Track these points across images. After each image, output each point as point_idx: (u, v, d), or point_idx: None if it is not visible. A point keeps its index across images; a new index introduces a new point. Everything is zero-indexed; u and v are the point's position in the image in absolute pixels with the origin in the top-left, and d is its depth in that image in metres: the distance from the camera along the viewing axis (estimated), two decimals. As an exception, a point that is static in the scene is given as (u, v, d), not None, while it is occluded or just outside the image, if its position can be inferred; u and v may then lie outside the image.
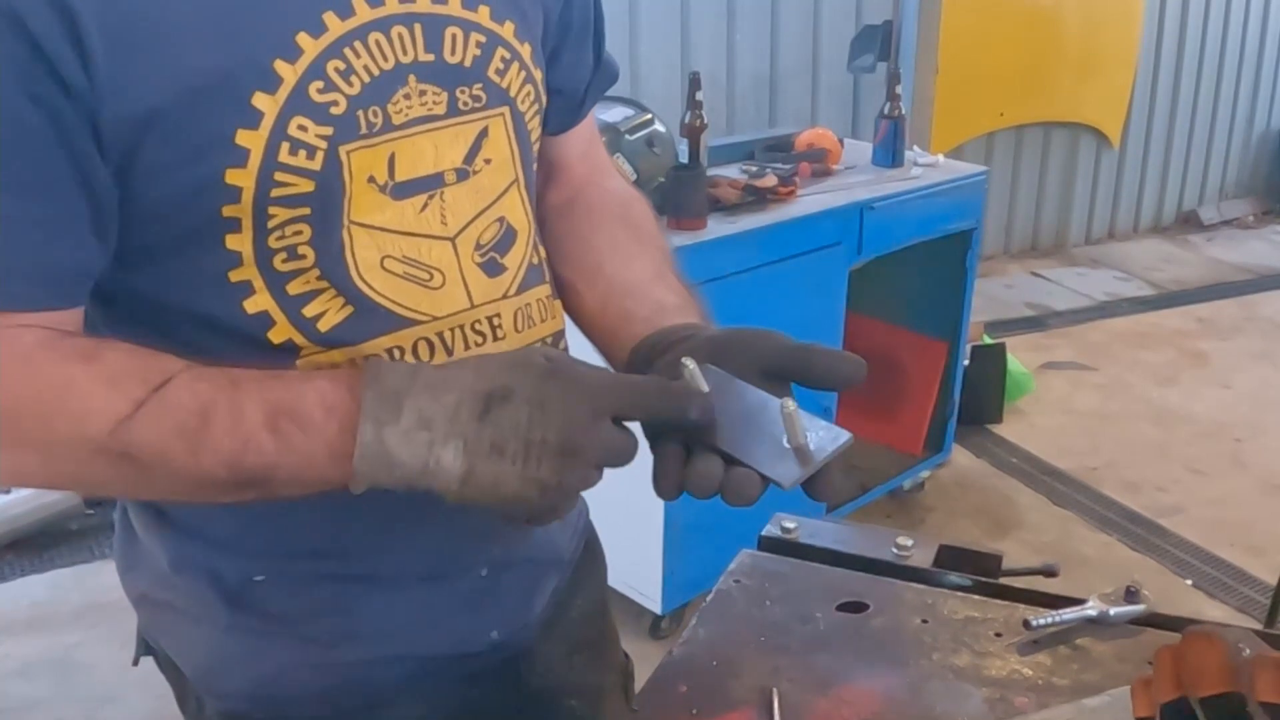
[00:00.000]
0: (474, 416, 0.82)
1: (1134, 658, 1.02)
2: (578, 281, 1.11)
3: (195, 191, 0.85)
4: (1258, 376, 4.80)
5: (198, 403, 0.83)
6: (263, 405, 0.83)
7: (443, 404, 0.82)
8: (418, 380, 0.84)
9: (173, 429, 0.82)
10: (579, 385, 0.84)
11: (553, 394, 0.83)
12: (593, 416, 0.82)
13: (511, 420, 0.82)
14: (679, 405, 0.84)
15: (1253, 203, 7.09)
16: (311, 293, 0.92)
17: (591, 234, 1.14)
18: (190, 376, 0.84)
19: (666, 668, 1.01)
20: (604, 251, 1.12)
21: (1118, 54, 5.96)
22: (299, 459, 0.84)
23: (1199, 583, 3.40)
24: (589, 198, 1.19)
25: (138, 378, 0.83)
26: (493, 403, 0.82)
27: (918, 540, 1.18)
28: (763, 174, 3.09)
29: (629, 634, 2.78)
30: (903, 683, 0.99)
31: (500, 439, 0.82)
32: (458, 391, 0.83)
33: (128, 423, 0.82)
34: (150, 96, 0.81)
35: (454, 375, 0.84)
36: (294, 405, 0.83)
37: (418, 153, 0.94)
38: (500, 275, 1.02)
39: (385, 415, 0.82)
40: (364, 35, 0.90)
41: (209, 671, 1.08)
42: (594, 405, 0.83)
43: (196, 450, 0.83)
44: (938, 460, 3.82)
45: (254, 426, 0.83)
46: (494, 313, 1.01)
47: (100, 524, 3.49)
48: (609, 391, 0.84)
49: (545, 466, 0.82)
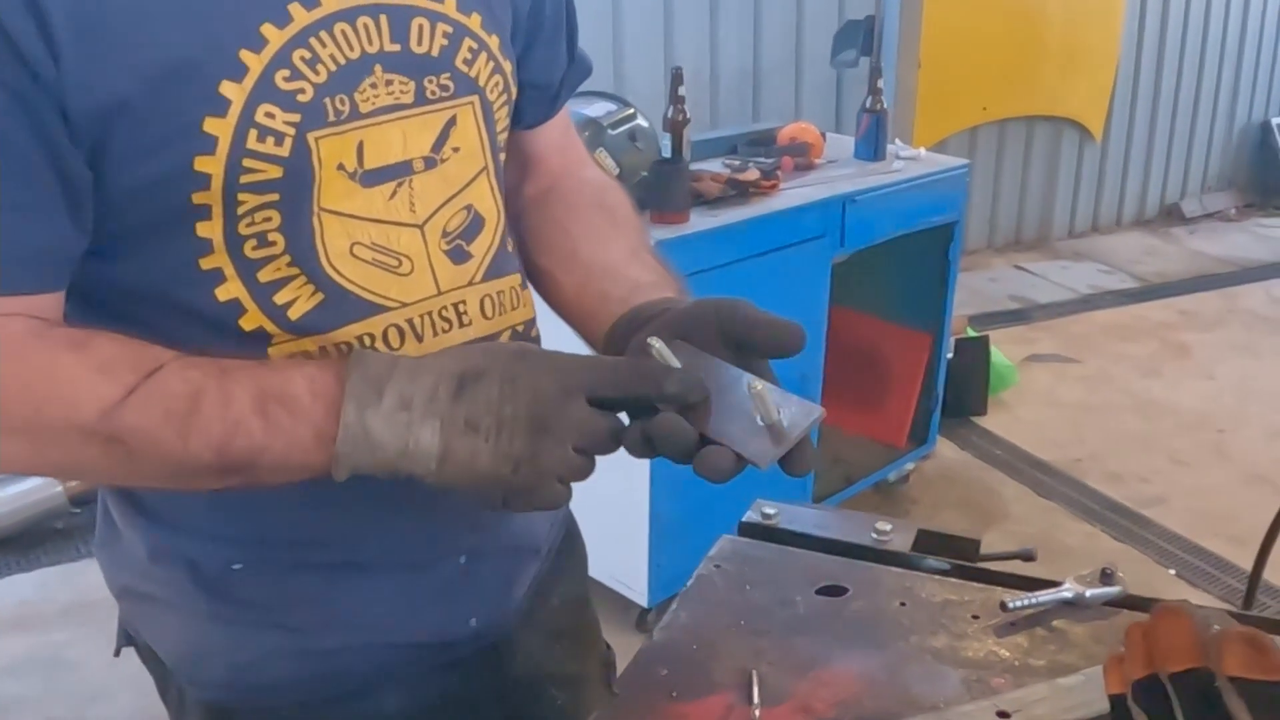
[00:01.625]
0: (449, 395, 0.84)
1: (1110, 639, 1.03)
2: (555, 269, 1.12)
3: (165, 179, 0.86)
4: (1240, 368, 4.82)
5: (188, 388, 0.84)
6: (251, 389, 0.85)
7: (420, 385, 0.85)
8: (399, 365, 0.86)
9: (162, 414, 0.84)
10: (550, 363, 0.86)
11: (523, 371, 0.85)
12: (563, 393, 0.84)
13: (485, 396, 0.84)
14: (654, 382, 0.85)
15: (1234, 196, 7.12)
16: (282, 280, 0.93)
17: (568, 222, 1.15)
18: (181, 364, 0.86)
19: (647, 652, 1.01)
20: (580, 238, 1.13)
21: (1100, 48, 5.98)
22: (285, 442, 0.85)
23: (1182, 572, 3.42)
24: (565, 188, 1.20)
25: (128, 364, 0.85)
26: (466, 381, 0.84)
27: (897, 525, 1.19)
28: (745, 168, 3.10)
29: (615, 627, 2.79)
30: (881, 665, 1.00)
31: (474, 415, 0.84)
32: (435, 373, 0.85)
33: (118, 408, 0.83)
34: (118, 86, 0.82)
35: (432, 360, 0.87)
36: (282, 389, 0.85)
37: (386, 141, 0.95)
38: (466, 262, 1.03)
39: (368, 398, 0.84)
40: (330, 25, 0.91)
41: (189, 660, 1.09)
42: (564, 382, 0.85)
43: (185, 434, 0.84)
44: (922, 453, 3.83)
45: (242, 410, 0.85)
46: (459, 299, 1.02)
47: (86, 522, 3.47)
48: (580, 370, 0.86)
49: (517, 441, 0.84)
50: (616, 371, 0.87)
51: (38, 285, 0.86)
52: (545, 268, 1.13)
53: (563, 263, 1.12)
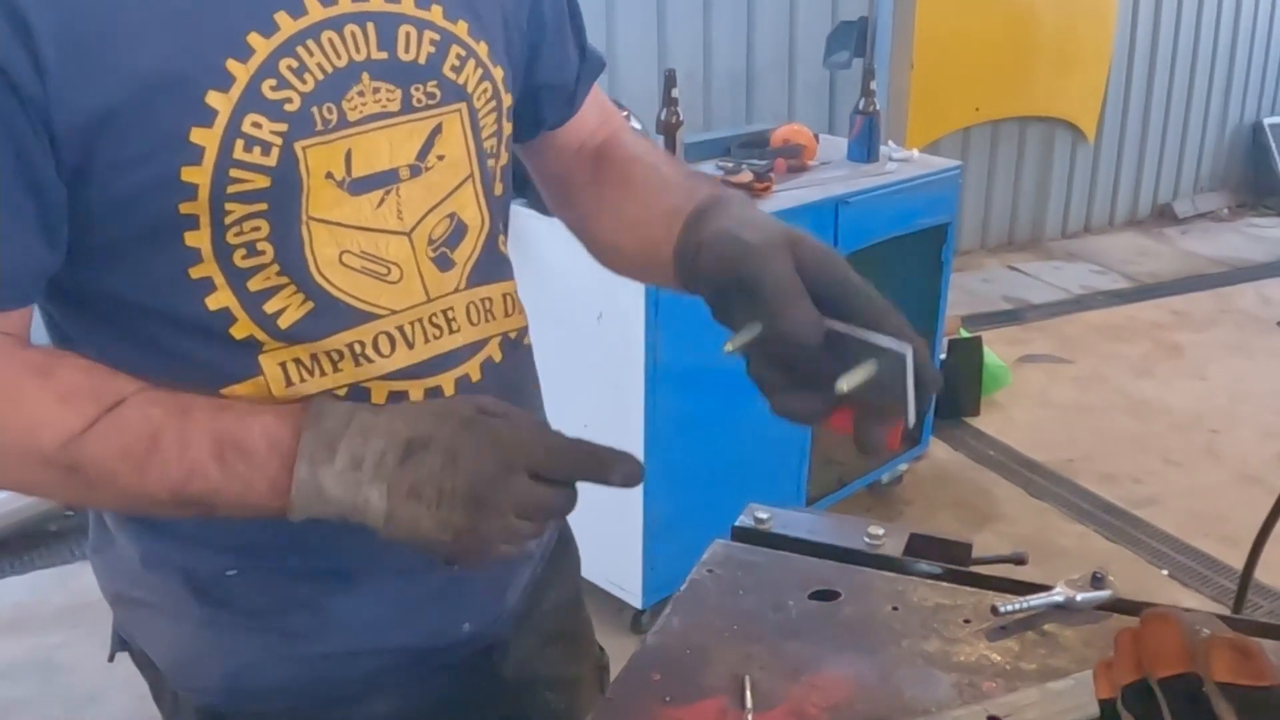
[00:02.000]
0: (395, 461, 0.85)
1: (1100, 643, 1.04)
2: (620, 241, 1.13)
3: (152, 189, 0.86)
4: (1232, 368, 4.84)
5: (148, 427, 0.86)
6: (210, 435, 0.86)
7: (371, 447, 0.86)
8: (353, 423, 0.87)
9: (119, 450, 0.85)
10: (494, 438, 0.86)
11: (466, 445, 0.86)
12: (503, 469, 0.85)
13: (428, 467, 0.85)
14: (602, 469, 0.87)
15: (1226, 196, 7.14)
16: (272, 289, 0.93)
17: (621, 200, 1.15)
18: (143, 399, 0.87)
19: (640, 656, 1.01)
20: (637, 204, 1.12)
21: (1092, 49, 5.99)
22: (240, 488, 0.87)
23: (1174, 573, 3.43)
24: (609, 168, 1.19)
25: (90, 396, 0.86)
26: (414, 448, 0.86)
27: (889, 529, 1.19)
28: (739, 170, 3.10)
29: (610, 629, 2.79)
30: (873, 669, 1.01)
31: (417, 484, 0.85)
32: (385, 437, 0.86)
33: (78, 439, 0.85)
34: (104, 98, 0.82)
35: (385, 420, 0.87)
36: (240, 438, 0.87)
37: (373, 149, 0.95)
38: (450, 270, 1.03)
39: (320, 455, 0.86)
40: (317, 34, 0.91)
41: (183, 666, 1.09)
42: (506, 459, 0.86)
43: (142, 471, 0.86)
44: (915, 453, 3.84)
45: (200, 455, 0.86)
46: (448, 306, 1.03)
47: (80, 525, 3.47)
48: (525, 447, 0.87)
49: (456, 514, 0.85)
50: (564, 455, 0.88)
51: (7, 303, 0.87)
52: (610, 242, 1.15)
53: (627, 231, 1.12)
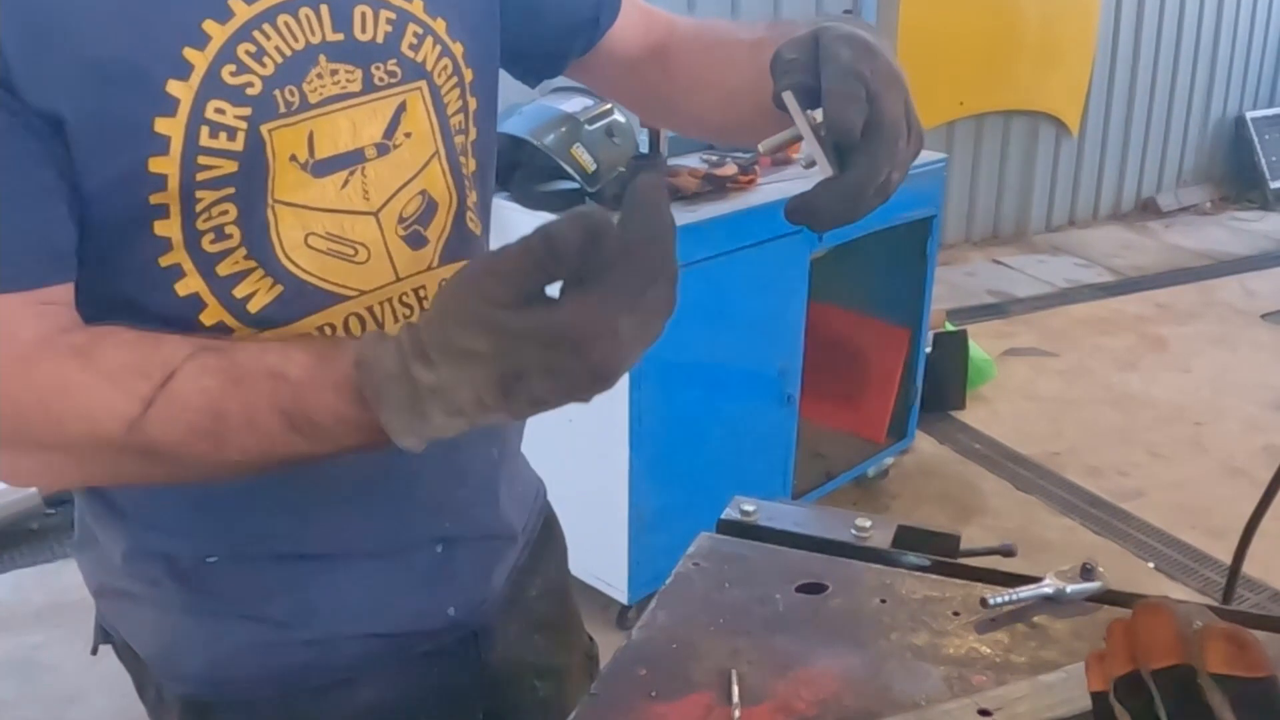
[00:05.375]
0: (500, 397, 0.75)
1: (1090, 635, 1.03)
2: (705, 113, 1.19)
3: (121, 182, 0.85)
4: (1216, 361, 4.85)
5: (206, 401, 0.81)
6: (276, 411, 0.81)
7: (462, 397, 0.76)
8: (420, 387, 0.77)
9: (186, 429, 0.82)
10: (556, 334, 0.74)
11: (554, 357, 0.73)
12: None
13: (537, 391, 0.75)
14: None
15: (1210, 189, 7.17)
16: (240, 273, 0.92)
17: (692, 87, 1.19)
18: (195, 370, 0.82)
19: (625, 651, 1.00)
20: (712, 83, 1.17)
21: (1076, 43, 6.01)
22: (332, 448, 0.83)
23: (1160, 565, 3.43)
24: (672, 59, 1.21)
25: (139, 372, 0.82)
26: (508, 383, 0.75)
27: (876, 521, 1.18)
28: (723, 163, 3.09)
29: (596, 625, 2.77)
30: (861, 662, 1.00)
31: (537, 399, 0.75)
32: (469, 386, 0.75)
33: (140, 422, 0.81)
34: (63, 93, 0.81)
35: (450, 369, 0.76)
36: (311, 417, 0.81)
37: (336, 130, 0.95)
38: (423, 248, 1.02)
39: (414, 427, 0.78)
40: (272, 18, 0.91)
41: (166, 655, 1.09)
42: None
43: (220, 447, 0.83)
44: (901, 447, 3.84)
45: (273, 428, 0.81)
46: (419, 285, 1.02)
47: (61, 523, 3.45)
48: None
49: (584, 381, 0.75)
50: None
51: (55, 276, 0.86)
52: (698, 116, 1.21)
53: (713, 105, 1.18)
